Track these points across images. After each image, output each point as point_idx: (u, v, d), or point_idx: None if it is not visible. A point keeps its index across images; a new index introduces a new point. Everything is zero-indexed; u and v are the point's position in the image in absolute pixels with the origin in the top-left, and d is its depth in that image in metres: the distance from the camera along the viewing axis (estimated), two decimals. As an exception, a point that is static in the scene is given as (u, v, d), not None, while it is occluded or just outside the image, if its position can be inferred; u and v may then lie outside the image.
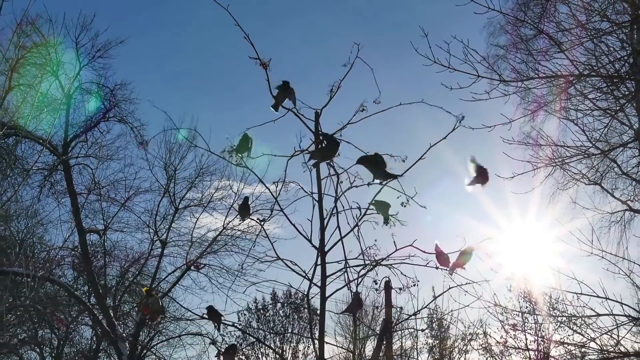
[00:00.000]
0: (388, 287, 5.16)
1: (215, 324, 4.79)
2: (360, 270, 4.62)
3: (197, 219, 20.72)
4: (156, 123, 24.64)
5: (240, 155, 4.63)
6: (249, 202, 4.75)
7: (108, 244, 20.67)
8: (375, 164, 4.37)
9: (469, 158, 4.45)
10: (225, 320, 4.84)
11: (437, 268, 4.52)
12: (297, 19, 31.00)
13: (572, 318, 10.88)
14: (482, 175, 4.43)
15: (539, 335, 19.45)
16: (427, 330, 21.07)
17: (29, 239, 20.71)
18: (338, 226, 4.52)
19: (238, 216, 4.76)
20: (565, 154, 11.48)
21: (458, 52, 9.26)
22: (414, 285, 4.72)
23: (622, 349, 10.07)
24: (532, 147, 11.77)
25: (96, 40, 19.08)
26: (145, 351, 20.95)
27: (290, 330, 23.09)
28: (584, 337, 10.49)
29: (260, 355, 22.34)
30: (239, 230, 19.24)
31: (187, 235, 20.72)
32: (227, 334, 19.15)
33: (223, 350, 4.97)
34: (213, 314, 4.76)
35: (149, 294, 5.11)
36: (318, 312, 4.53)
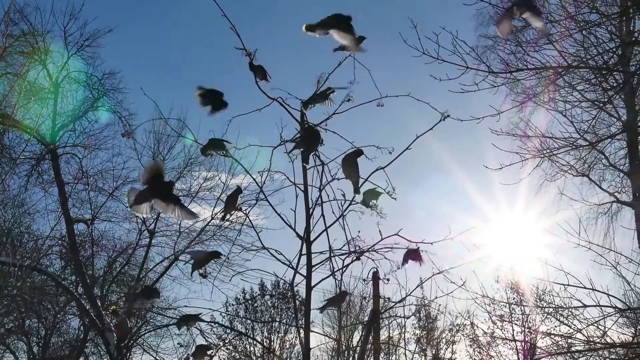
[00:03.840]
0: (376, 277, 5.18)
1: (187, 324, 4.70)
2: (345, 259, 4.61)
3: (185, 209, 20.63)
4: (144, 113, 24.56)
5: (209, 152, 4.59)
6: (240, 194, 4.60)
7: (96, 233, 20.54)
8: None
9: None
10: (212, 320, 4.79)
11: (406, 261, 4.52)
12: (285, 9, 30.83)
13: (559, 309, 10.90)
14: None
15: (526, 327, 19.56)
16: (414, 321, 21.17)
17: (16, 229, 20.53)
18: (322, 215, 4.50)
19: (222, 210, 4.65)
20: (554, 145, 11.51)
21: (447, 44, 9.20)
22: (398, 269, 4.70)
23: (609, 340, 10.12)
24: (520, 139, 11.81)
25: (84, 29, 18.89)
26: (132, 341, 20.92)
27: (277, 320, 23.11)
28: (570, 328, 10.52)
29: (248, 346, 22.34)
30: (227, 221, 19.14)
31: (175, 225, 20.62)
32: (214, 325, 19.20)
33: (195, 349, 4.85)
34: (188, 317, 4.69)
35: (116, 313, 5.02)
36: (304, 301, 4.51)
